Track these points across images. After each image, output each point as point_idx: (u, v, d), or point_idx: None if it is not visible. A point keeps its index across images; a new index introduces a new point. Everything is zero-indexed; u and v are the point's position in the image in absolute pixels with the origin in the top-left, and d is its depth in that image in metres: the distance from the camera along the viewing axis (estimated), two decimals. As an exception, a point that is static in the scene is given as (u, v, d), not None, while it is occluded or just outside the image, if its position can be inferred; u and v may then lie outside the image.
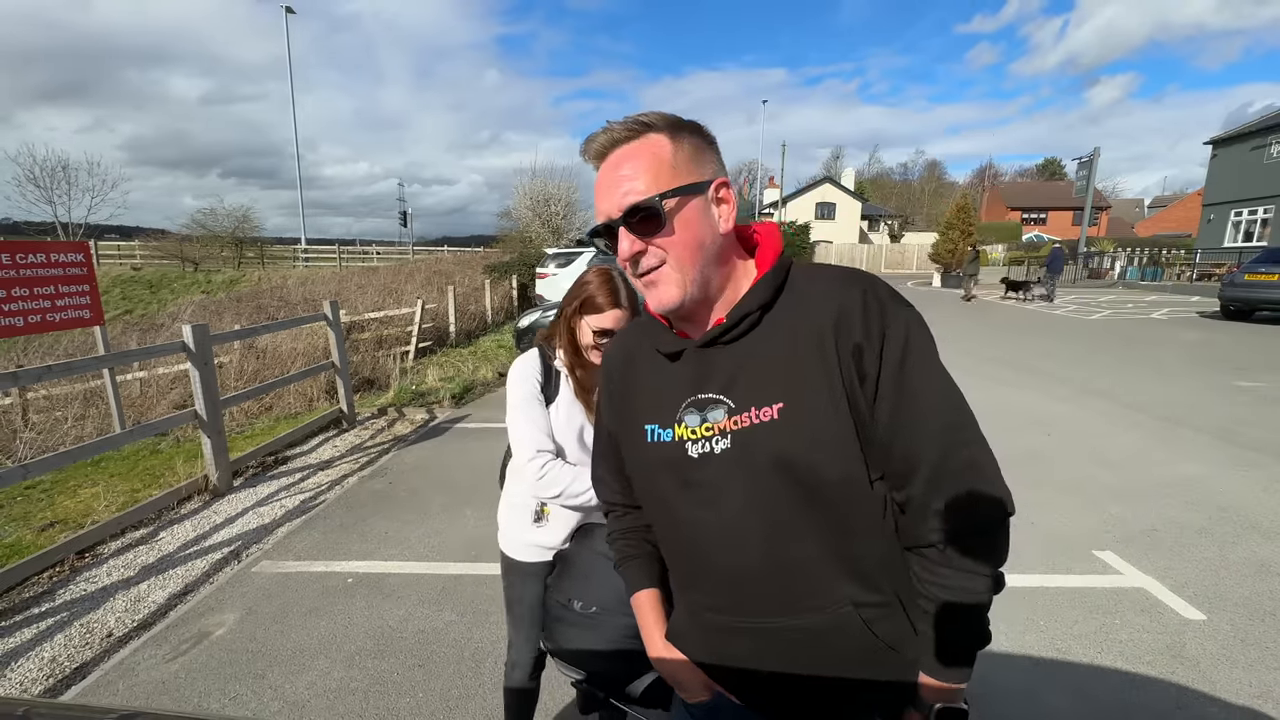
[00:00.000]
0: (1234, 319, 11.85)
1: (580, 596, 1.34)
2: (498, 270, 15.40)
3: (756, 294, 0.81)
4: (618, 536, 1.05)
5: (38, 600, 2.84)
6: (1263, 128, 21.53)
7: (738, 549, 0.80)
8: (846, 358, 0.75)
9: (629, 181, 0.77)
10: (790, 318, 0.79)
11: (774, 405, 0.77)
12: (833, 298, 0.77)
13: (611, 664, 1.30)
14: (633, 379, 0.94)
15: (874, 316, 0.76)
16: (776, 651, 0.81)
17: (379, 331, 9.17)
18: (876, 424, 0.76)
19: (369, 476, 4.41)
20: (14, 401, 6.13)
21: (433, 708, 2.12)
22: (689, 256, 0.78)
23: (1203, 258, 22.99)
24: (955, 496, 0.74)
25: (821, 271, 0.83)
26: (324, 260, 28.32)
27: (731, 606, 0.83)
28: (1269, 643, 2.36)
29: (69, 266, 4.21)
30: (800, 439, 0.76)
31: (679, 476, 0.84)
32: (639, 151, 0.78)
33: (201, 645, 2.49)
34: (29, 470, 3.07)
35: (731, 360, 0.81)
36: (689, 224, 0.78)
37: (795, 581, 0.79)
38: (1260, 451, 4.46)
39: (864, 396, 0.75)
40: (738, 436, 0.79)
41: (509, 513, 1.59)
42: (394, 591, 2.86)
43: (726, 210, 0.81)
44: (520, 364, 1.50)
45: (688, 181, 0.77)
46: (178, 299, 19.90)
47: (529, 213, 28.67)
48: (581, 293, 1.43)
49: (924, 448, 0.75)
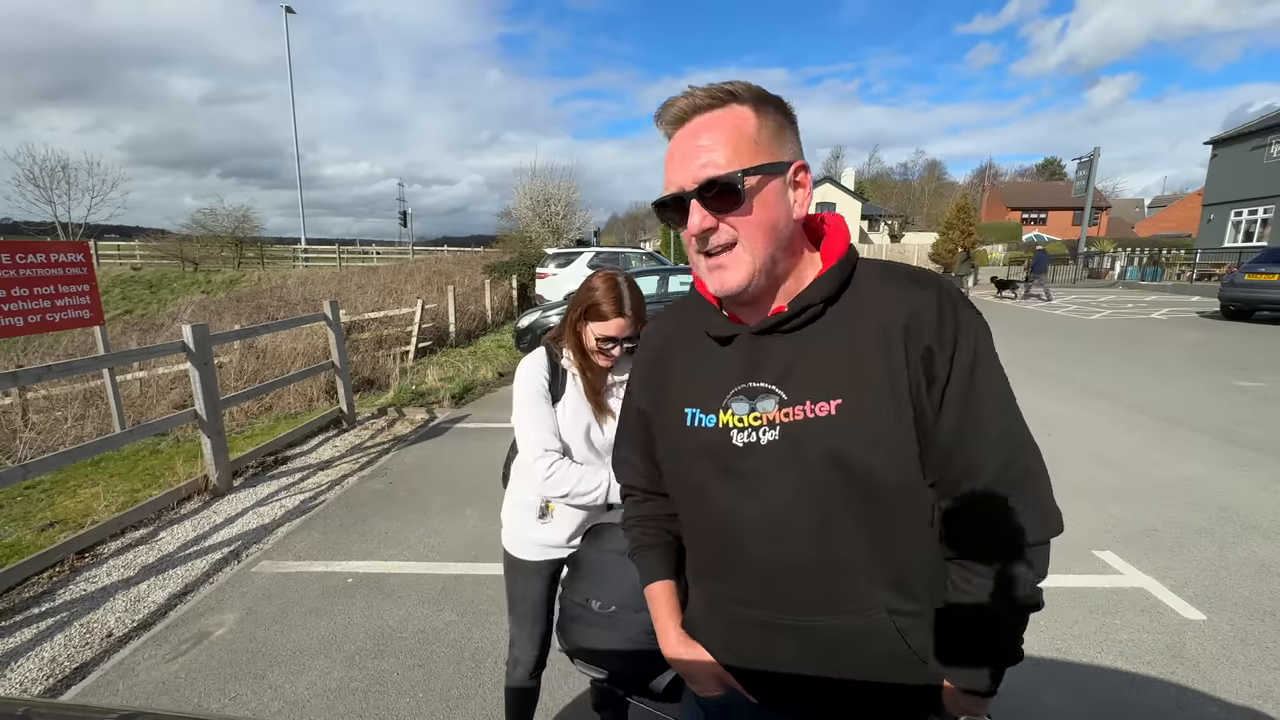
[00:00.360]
0: (1234, 319, 11.84)
1: (598, 596, 1.34)
2: (498, 270, 15.40)
3: (822, 285, 0.78)
4: (635, 524, 1.02)
5: (38, 600, 2.84)
6: (1263, 128, 21.53)
7: (779, 541, 0.78)
8: (916, 360, 0.73)
9: (708, 153, 0.73)
10: (855, 313, 0.77)
11: (832, 401, 0.75)
12: (905, 298, 0.75)
13: (635, 662, 1.30)
14: (673, 360, 0.91)
15: (948, 320, 0.74)
16: (805, 650, 0.79)
17: (379, 331, 9.16)
18: (940, 429, 0.74)
19: (369, 476, 4.41)
20: (14, 401, 6.13)
21: (433, 708, 2.12)
22: (762, 239, 0.75)
23: (1203, 258, 22.98)
24: (1010, 508, 0.73)
25: (892, 269, 0.80)
26: (324, 260, 28.31)
27: (763, 600, 0.80)
28: (1269, 643, 2.36)
29: (69, 266, 4.21)
30: (858, 437, 0.73)
31: (719, 464, 0.81)
32: (721, 122, 0.74)
33: (201, 645, 2.49)
34: (29, 470, 3.07)
35: (788, 350, 0.79)
36: (767, 205, 0.74)
37: (835, 581, 0.77)
38: (1260, 451, 4.46)
39: (929, 401, 0.73)
40: (789, 429, 0.76)
41: (513, 510, 1.59)
42: (394, 591, 2.86)
43: (802, 196, 0.78)
44: (527, 362, 1.50)
45: (769, 160, 0.74)
46: (177, 299, 19.89)
47: (529, 213, 28.67)
48: (587, 299, 1.43)
49: (985, 457, 0.73)
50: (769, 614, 0.80)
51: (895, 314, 0.75)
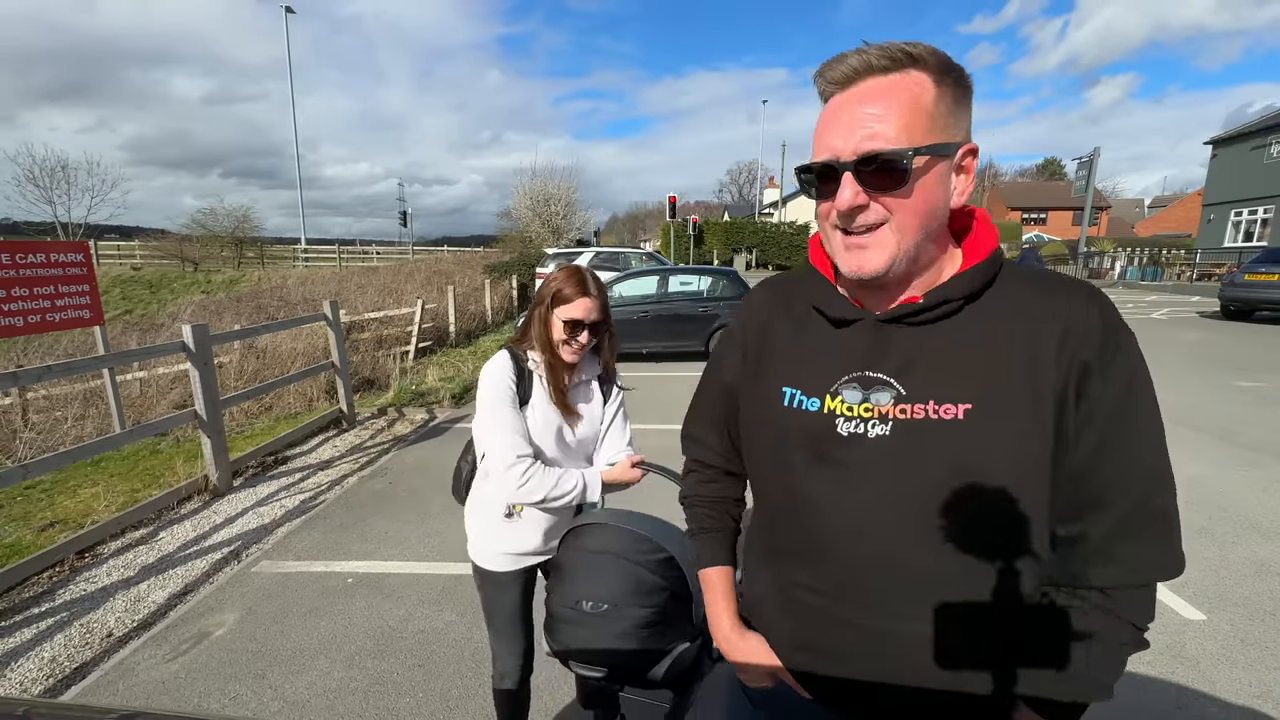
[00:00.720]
0: (1234, 319, 11.84)
1: (589, 596, 1.33)
2: (498, 270, 15.41)
3: (965, 281, 0.72)
4: (698, 503, 0.99)
5: (38, 600, 2.84)
6: (1263, 128, 21.52)
7: (869, 539, 0.73)
8: (1070, 374, 0.67)
9: (877, 122, 0.66)
10: (997, 316, 0.71)
11: (959, 405, 0.69)
12: (1063, 306, 0.69)
13: (632, 656, 1.30)
14: (775, 335, 0.85)
15: (1110, 337, 0.68)
16: (878, 652, 0.75)
17: (379, 331, 9.16)
18: (1077, 450, 0.68)
19: (369, 476, 4.41)
20: (14, 401, 6.13)
21: (433, 708, 2.12)
22: (914, 224, 0.69)
23: (1203, 258, 22.98)
24: (1141, 544, 0.69)
25: (1047, 275, 0.74)
26: (324, 260, 28.30)
27: (839, 594, 0.76)
28: (1269, 643, 2.36)
29: (69, 266, 4.20)
30: (985, 446, 0.68)
31: (815, 449, 0.76)
32: (896, 89, 0.66)
33: (201, 645, 2.49)
34: (29, 470, 3.07)
35: (914, 344, 0.73)
36: (928, 189, 0.68)
37: (925, 588, 0.72)
38: (1260, 451, 4.46)
39: (1074, 419, 0.68)
40: (903, 426, 0.71)
41: (479, 520, 1.56)
42: (394, 591, 2.86)
43: (964, 182, 0.71)
44: (492, 366, 1.45)
45: (942, 139, 0.67)
46: (177, 299, 19.89)
47: (529, 212, 28.65)
48: (551, 289, 1.44)
49: (1124, 487, 0.69)
50: (844, 609, 0.76)
51: (1049, 322, 0.69)
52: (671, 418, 1.66)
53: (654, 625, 1.29)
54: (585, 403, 1.54)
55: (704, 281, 8.75)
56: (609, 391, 1.60)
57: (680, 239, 26.05)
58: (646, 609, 1.28)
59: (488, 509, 1.53)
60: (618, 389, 1.63)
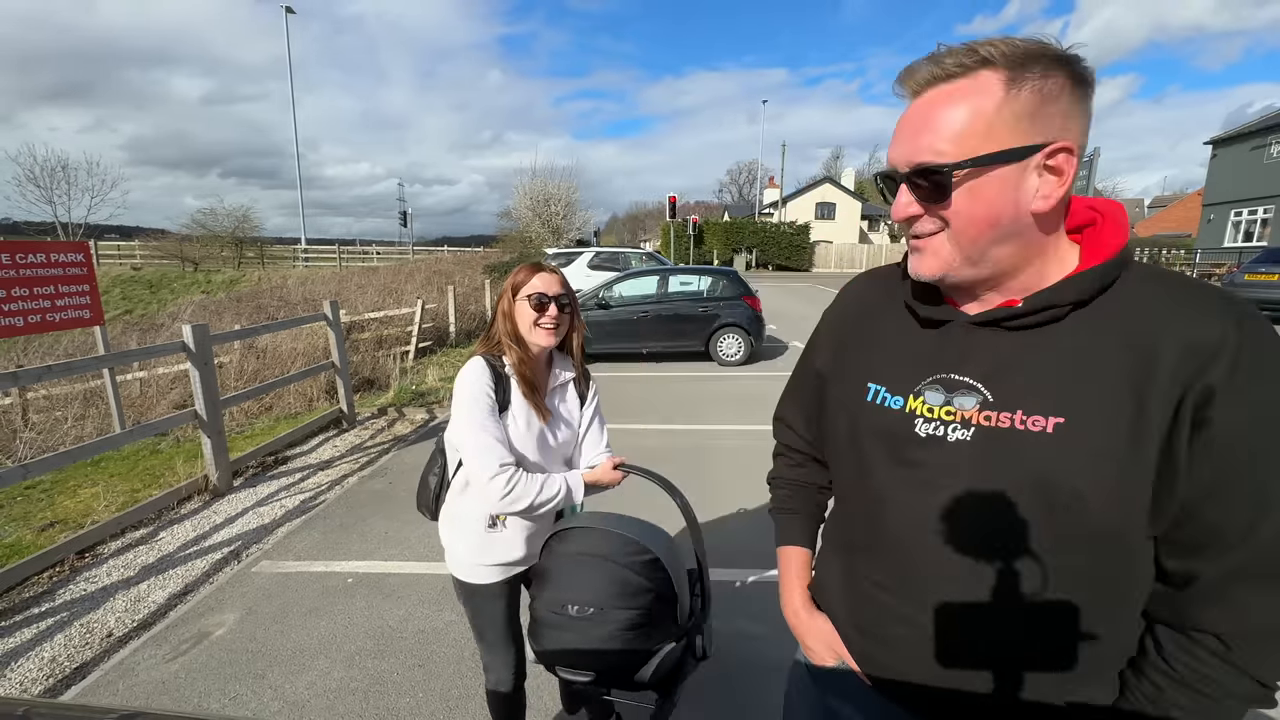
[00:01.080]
0: (1234, 319, 11.84)
1: (575, 600, 1.33)
2: (497, 270, 15.41)
3: (1073, 286, 0.67)
4: (783, 485, 1.02)
5: (38, 600, 2.84)
6: (1263, 128, 21.52)
7: (941, 543, 0.72)
8: (1188, 397, 0.61)
9: (929, 135, 0.65)
10: (1110, 324, 0.65)
11: (1050, 418, 0.65)
12: (1190, 318, 0.63)
13: (620, 658, 1.31)
14: (868, 329, 0.85)
15: (1248, 361, 0.60)
16: (932, 653, 0.75)
17: (379, 331, 9.16)
18: (1191, 482, 0.62)
19: (369, 476, 4.41)
20: (14, 401, 6.13)
21: (433, 708, 2.12)
22: (973, 233, 0.67)
23: (1203, 258, 22.97)
24: (1268, 593, 0.63)
25: (1182, 281, 0.67)
26: (324, 260, 28.31)
27: (905, 591, 0.76)
28: (1269, 643, 2.35)
29: (69, 266, 4.20)
30: (1073, 465, 0.64)
31: (894, 448, 0.76)
32: (956, 97, 0.64)
33: (201, 645, 2.49)
34: (29, 470, 3.07)
35: (1007, 348, 0.70)
36: (982, 198, 0.65)
37: (989, 606, 0.70)
38: (1260, 451, 4.45)
39: (1185, 448, 0.62)
40: (986, 434, 0.69)
41: (458, 532, 1.50)
42: (394, 591, 2.86)
43: (1053, 184, 0.64)
44: (467, 372, 1.40)
45: (1005, 146, 0.63)
46: (177, 299, 19.89)
47: (529, 213, 28.66)
48: (508, 282, 1.47)
49: (1247, 527, 0.62)
50: (907, 607, 0.76)
51: (1170, 335, 0.62)
52: (671, 418, 1.66)
53: (640, 627, 1.29)
54: (563, 405, 1.53)
55: (704, 281, 8.75)
56: (585, 393, 1.59)
57: (680, 239, 26.06)
58: (633, 611, 1.29)
59: (468, 522, 1.47)
60: (594, 384, 1.62)
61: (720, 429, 5.33)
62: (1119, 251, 0.68)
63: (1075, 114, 0.64)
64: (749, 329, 8.18)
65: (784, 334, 10.45)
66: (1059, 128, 0.63)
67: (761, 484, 1.12)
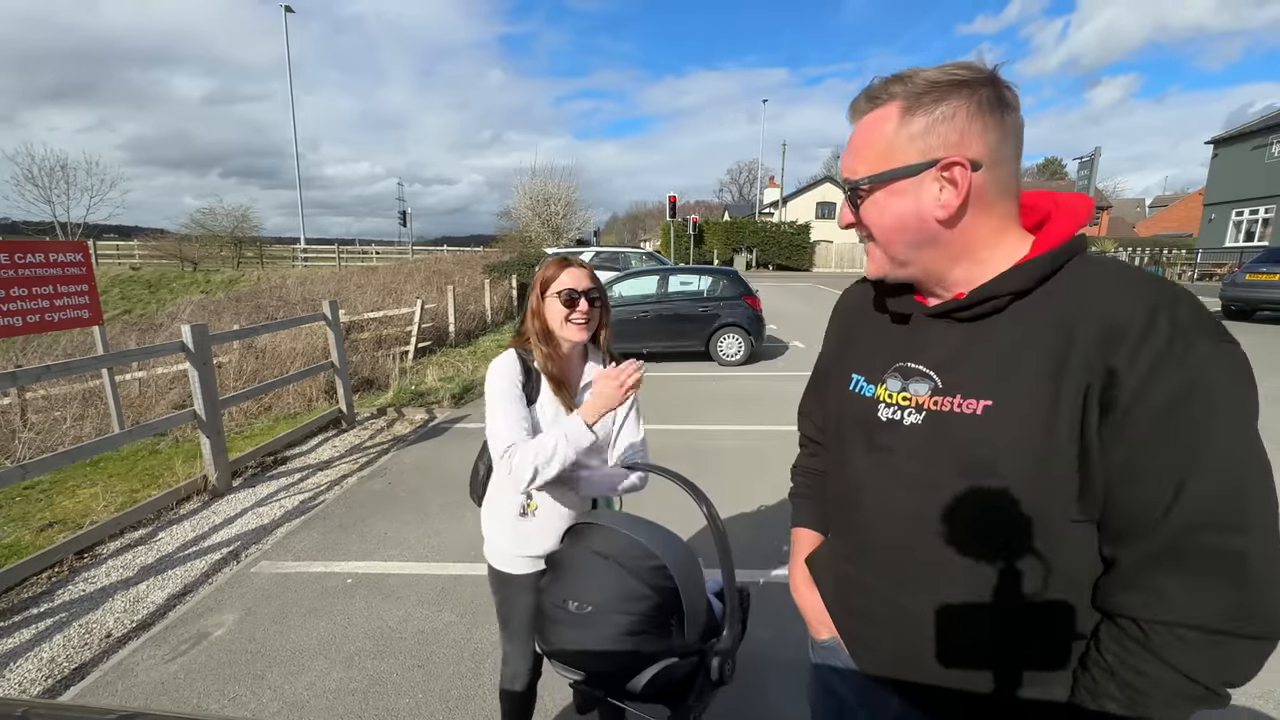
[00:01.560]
0: (1235, 319, 11.82)
1: (575, 597, 1.31)
2: (497, 270, 15.39)
3: (1012, 278, 0.72)
4: (800, 473, 1.11)
5: (36, 601, 2.84)
6: (1263, 127, 21.51)
7: (892, 521, 0.80)
8: (1094, 379, 0.63)
9: (851, 156, 0.78)
10: (1045, 312, 0.69)
11: (981, 401, 0.71)
12: (1108, 301, 0.65)
13: (609, 663, 1.28)
14: (860, 325, 0.94)
15: (1155, 343, 0.61)
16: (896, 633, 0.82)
17: (378, 331, 9.15)
18: (1106, 464, 0.64)
19: (368, 477, 4.40)
20: (13, 401, 6.12)
21: (432, 708, 2.12)
22: (888, 239, 0.77)
23: (1204, 257, 22.97)
24: (1181, 581, 0.62)
25: (1117, 269, 0.69)
26: (323, 260, 28.29)
27: (868, 568, 0.85)
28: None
29: (68, 266, 4.20)
30: (997, 445, 0.69)
31: (866, 434, 0.83)
32: (870, 123, 0.75)
33: (200, 646, 2.49)
34: (28, 470, 3.07)
35: (958, 339, 0.76)
36: (888, 210, 0.75)
37: (935, 581, 0.76)
38: (1261, 451, 4.44)
39: (1097, 430, 0.64)
40: (933, 418, 0.75)
41: (494, 521, 1.56)
42: (394, 592, 2.85)
43: (950, 195, 0.71)
44: (498, 362, 1.47)
45: (900, 164, 0.72)
46: (176, 299, 19.87)
47: (529, 212, 28.66)
48: (538, 277, 1.48)
49: (1160, 512, 0.62)
50: (870, 582, 0.84)
51: (1088, 319, 0.65)
52: (670, 418, 1.65)
53: (635, 634, 1.26)
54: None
55: (704, 281, 8.74)
56: None
57: (680, 239, 26.05)
58: (629, 616, 1.25)
59: (501, 510, 1.53)
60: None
61: (720, 429, 5.32)
62: (1063, 242, 0.71)
63: (975, 131, 0.70)
64: (749, 329, 8.18)
65: (784, 334, 10.44)
66: (953, 144, 0.70)
67: (762, 484, 1.13)
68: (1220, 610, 0.61)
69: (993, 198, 0.72)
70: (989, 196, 0.72)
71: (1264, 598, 0.61)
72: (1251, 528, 0.60)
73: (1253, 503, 0.61)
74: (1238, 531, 0.60)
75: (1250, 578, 0.60)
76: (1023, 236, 0.76)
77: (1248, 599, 0.61)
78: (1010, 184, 0.73)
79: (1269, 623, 0.61)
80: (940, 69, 0.72)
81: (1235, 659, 0.63)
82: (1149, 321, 0.62)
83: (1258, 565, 0.60)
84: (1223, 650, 0.62)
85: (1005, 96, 0.70)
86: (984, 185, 0.71)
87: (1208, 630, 0.62)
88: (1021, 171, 0.77)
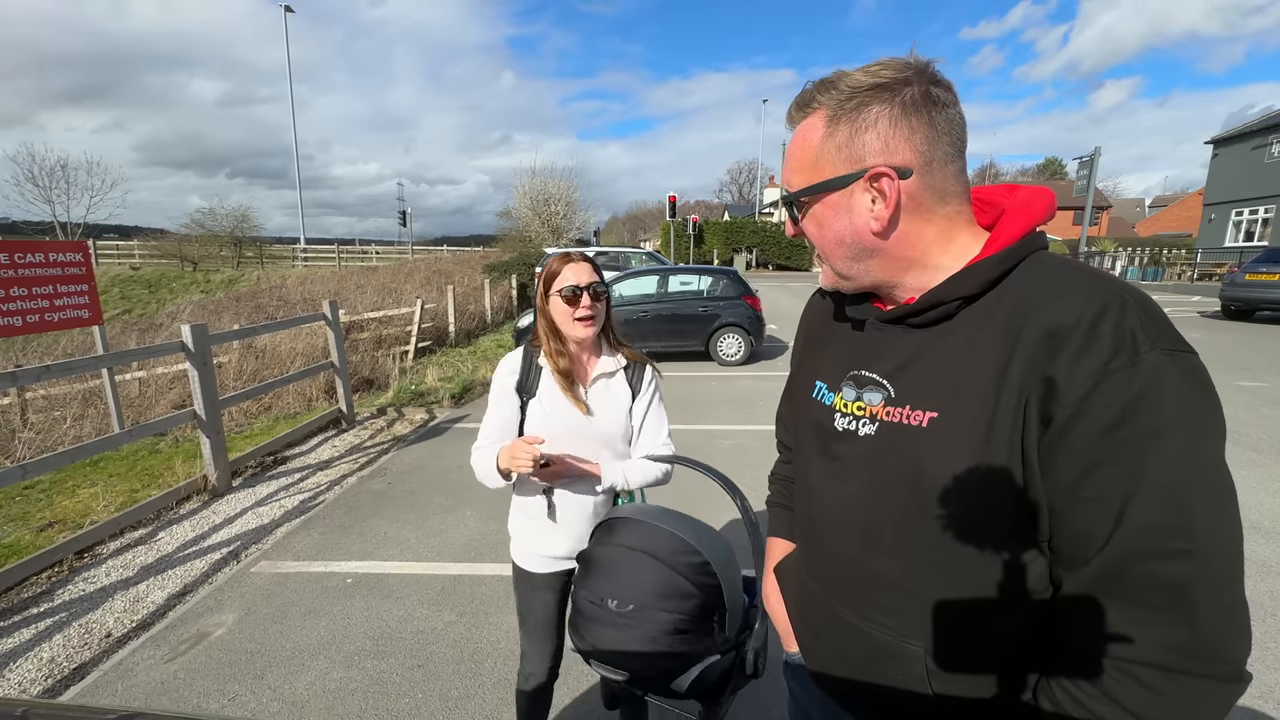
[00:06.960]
0: (1235, 319, 11.84)
1: (615, 595, 1.26)
2: (497, 270, 15.39)
3: (958, 283, 0.67)
4: (774, 481, 1.09)
5: (36, 600, 2.84)
6: (1263, 128, 21.51)
7: (841, 532, 0.77)
8: (1032, 390, 0.59)
9: (786, 169, 0.75)
10: (992, 317, 0.65)
11: (927, 412, 0.67)
12: (1055, 306, 0.60)
13: (656, 662, 1.23)
14: (822, 331, 0.91)
15: (1097, 353, 0.56)
16: (841, 638, 0.79)
17: (378, 331, 9.15)
18: (1049, 482, 0.59)
19: (368, 477, 4.40)
20: (13, 401, 6.12)
21: (432, 708, 2.12)
22: (829, 251, 0.75)
23: (1204, 257, 22.97)
24: (1123, 614, 0.57)
25: (1060, 269, 0.64)
26: (323, 260, 28.29)
27: (821, 579, 0.83)
28: (1269, 643, 2.35)
29: (67, 266, 4.20)
30: (939, 459, 0.65)
31: (822, 442, 0.81)
32: (800, 134, 0.72)
33: (200, 646, 2.48)
34: (27, 470, 3.06)
35: (911, 346, 0.72)
36: (824, 223, 0.73)
37: (878, 592, 0.73)
38: (1260, 451, 4.45)
39: (1036, 445, 0.59)
40: (885, 429, 0.71)
41: (520, 520, 1.58)
42: (393, 592, 2.85)
43: (880, 206, 0.67)
44: (504, 360, 1.54)
45: (828, 175, 0.70)
46: (176, 299, 19.87)
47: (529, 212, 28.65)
48: (542, 275, 1.49)
49: (1101, 538, 0.57)
50: (821, 595, 0.82)
51: (1034, 325, 0.60)
52: (670, 418, 1.64)
53: (681, 633, 1.22)
54: (605, 395, 1.51)
55: (704, 281, 8.73)
56: (638, 384, 1.55)
57: (680, 239, 26.04)
58: (674, 615, 1.22)
59: (524, 508, 1.55)
60: (651, 375, 1.57)
61: (720, 429, 5.33)
62: (1012, 243, 0.67)
63: (900, 136, 0.66)
64: (749, 329, 8.18)
65: (784, 334, 10.43)
66: (877, 152, 0.66)
67: (762, 485, 1.12)
68: (1164, 645, 0.56)
69: (931, 202, 0.68)
70: (927, 201, 0.67)
71: (1209, 632, 0.55)
72: (1198, 555, 0.54)
73: (1201, 529, 0.55)
74: (1182, 558, 0.54)
75: (1195, 610, 0.55)
76: (976, 236, 0.71)
77: (1190, 634, 0.55)
78: (951, 184, 0.68)
79: (1212, 661, 0.55)
80: (865, 70, 0.68)
81: (1189, 701, 0.56)
82: (1092, 328, 0.57)
83: (1203, 597, 0.55)
84: (1174, 690, 0.56)
85: (933, 94, 0.66)
86: (917, 191, 0.67)
87: (1155, 667, 0.56)
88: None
